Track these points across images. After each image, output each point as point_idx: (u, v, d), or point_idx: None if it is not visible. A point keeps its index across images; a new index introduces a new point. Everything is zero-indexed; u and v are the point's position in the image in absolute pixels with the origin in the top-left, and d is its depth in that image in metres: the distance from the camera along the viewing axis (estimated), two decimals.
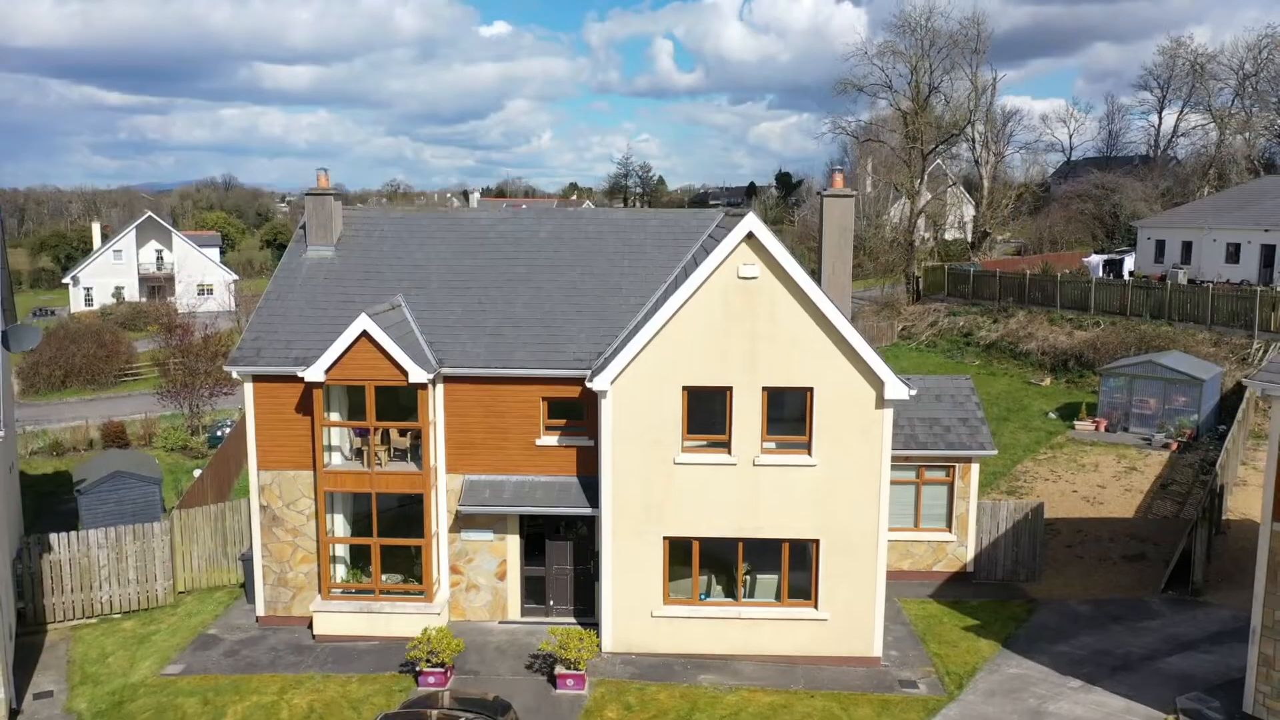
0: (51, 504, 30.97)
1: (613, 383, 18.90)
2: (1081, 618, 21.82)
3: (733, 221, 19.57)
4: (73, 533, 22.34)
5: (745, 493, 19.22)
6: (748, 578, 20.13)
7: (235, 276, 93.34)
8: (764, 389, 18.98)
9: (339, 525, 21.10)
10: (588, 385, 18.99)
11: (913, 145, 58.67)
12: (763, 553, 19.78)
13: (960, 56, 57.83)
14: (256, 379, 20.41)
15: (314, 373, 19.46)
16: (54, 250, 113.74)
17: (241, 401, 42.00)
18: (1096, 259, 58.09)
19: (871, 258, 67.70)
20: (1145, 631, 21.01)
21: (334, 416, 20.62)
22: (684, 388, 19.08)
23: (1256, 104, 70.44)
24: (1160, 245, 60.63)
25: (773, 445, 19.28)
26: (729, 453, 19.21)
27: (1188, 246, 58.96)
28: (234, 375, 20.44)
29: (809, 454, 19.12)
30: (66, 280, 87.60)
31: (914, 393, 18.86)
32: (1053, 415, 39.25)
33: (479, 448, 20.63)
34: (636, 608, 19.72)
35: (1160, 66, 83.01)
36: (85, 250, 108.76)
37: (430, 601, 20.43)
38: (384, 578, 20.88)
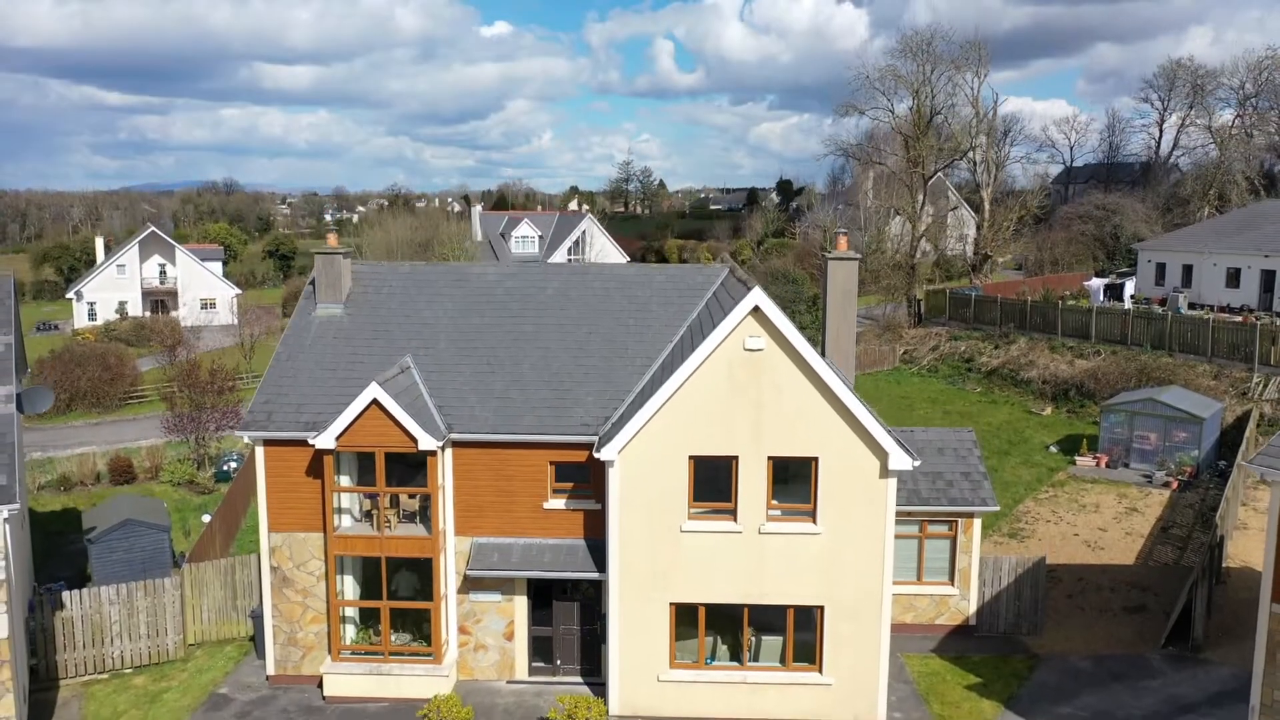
0: (60, 545, 31.21)
1: (620, 452, 19.14)
2: (1083, 675, 22.05)
3: (739, 289, 19.81)
4: (85, 590, 22.59)
5: (751, 560, 19.46)
6: (753, 640, 20.37)
7: (238, 291, 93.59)
8: (769, 458, 19.22)
9: (349, 585, 21.35)
10: (595, 455, 19.22)
11: (914, 169, 58.93)
12: (768, 616, 20.02)
13: (961, 80, 58.06)
14: (267, 443, 20.64)
15: (325, 440, 19.70)
16: (56, 261, 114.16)
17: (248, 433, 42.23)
18: (1098, 282, 58.34)
19: (874, 278, 67.81)
20: (1146, 692, 21.24)
21: (344, 479, 20.86)
22: (690, 457, 19.32)
23: (1257, 124, 70.65)
24: (1161, 268, 60.90)
25: (778, 513, 19.52)
26: (735, 520, 19.45)
27: (1188, 270, 59.23)
28: (245, 440, 20.65)
29: (814, 522, 19.36)
30: (70, 295, 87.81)
31: (918, 463, 19.07)
32: (1054, 449, 39.50)
33: (487, 510, 20.87)
34: (643, 671, 19.96)
35: (1160, 78, 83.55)
36: (88, 262, 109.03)
37: (439, 664, 20.66)
38: (394, 637, 21.12)
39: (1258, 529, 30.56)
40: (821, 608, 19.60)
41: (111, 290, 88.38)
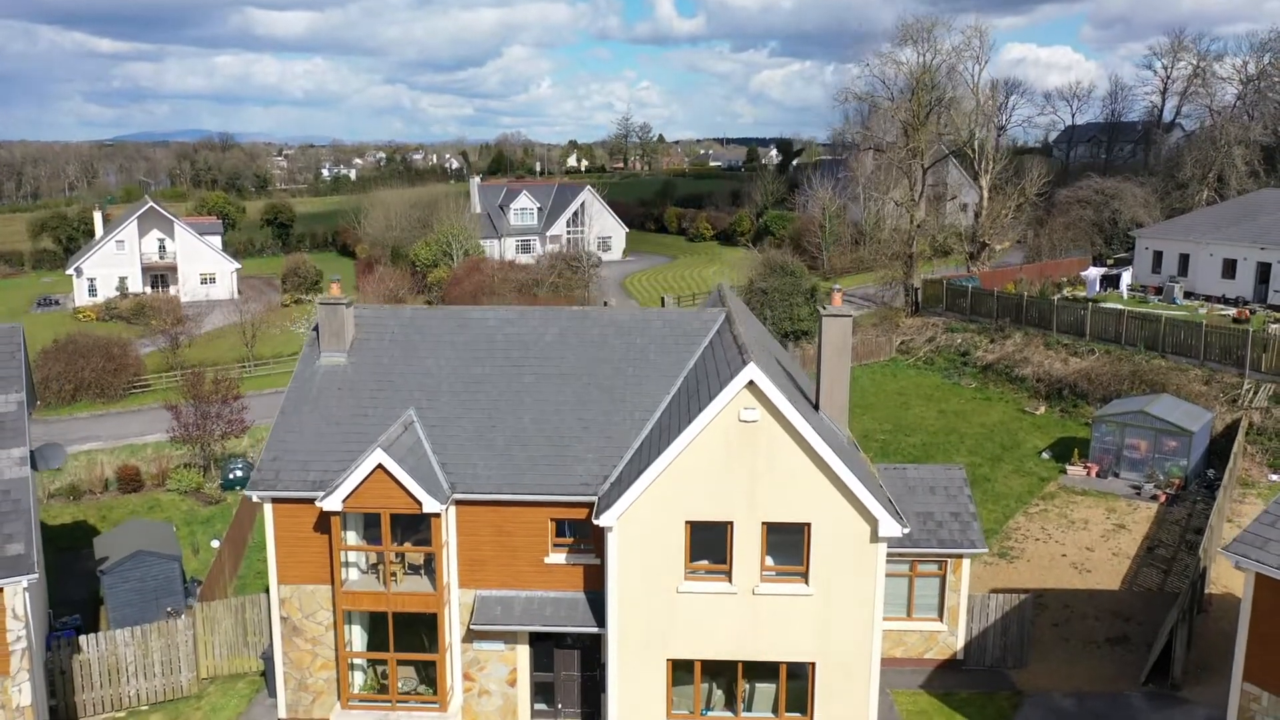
0: (72, 565, 31.89)
1: (619, 518, 19.73)
2: (1065, 716, 22.88)
3: (736, 358, 20.22)
4: (99, 634, 23.32)
5: (745, 619, 20.16)
6: (747, 688, 21.15)
7: (237, 265, 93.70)
8: (763, 523, 19.82)
9: (356, 634, 22.07)
10: (595, 522, 19.82)
11: (912, 159, 58.91)
12: (762, 669, 20.77)
13: (962, 70, 57.78)
14: (275, 500, 21.22)
15: (332, 502, 20.28)
16: (55, 231, 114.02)
17: (254, 439, 42.73)
18: (1094, 272, 58.60)
19: (871, 256, 68.03)
20: None
21: (350, 534, 21.48)
22: (687, 521, 19.92)
23: (1259, 107, 70.33)
24: (1158, 256, 61.09)
25: (772, 574, 20.16)
26: (730, 582, 20.11)
27: (1185, 259, 59.45)
28: (254, 499, 21.25)
29: (806, 583, 20.02)
30: (70, 271, 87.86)
31: (907, 530, 19.67)
32: (1046, 455, 40.15)
33: (490, 564, 21.53)
34: None
35: (1164, 48, 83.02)
36: (86, 231, 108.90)
37: (444, 710, 21.46)
38: (400, 683, 21.90)
39: None
40: (813, 664, 20.33)
41: (111, 266, 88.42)
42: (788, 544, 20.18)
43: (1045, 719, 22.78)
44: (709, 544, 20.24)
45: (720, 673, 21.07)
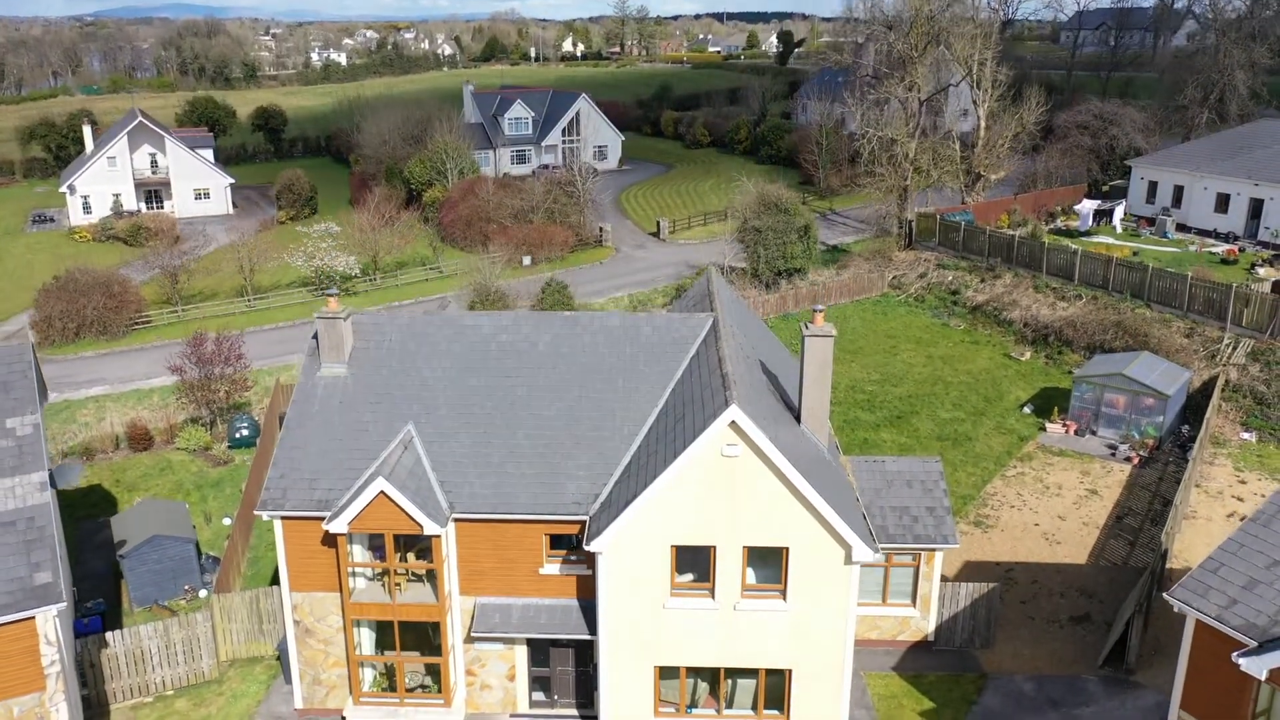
0: (92, 533, 33.34)
1: (608, 545, 21.00)
2: (1024, 700, 24.67)
3: (720, 393, 21.10)
4: (125, 630, 24.89)
5: (726, 631, 21.66)
6: (730, 684, 22.84)
7: (231, 180, 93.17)
8: (744, 547, 21.11)
9: (365, 636, 23.64)
10: (586, 548, 21.11)
11: (909, 93, 58.26)
12: (743, 670, 22.41)
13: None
14: (285, 517, 22.46)
15: (338, 525, 21.52)
16: (44, 140, 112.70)
17: (260, 395, 43.77)
18: (1088, 205, 58.69)
19: (867, 171, 66.97)
20: None
21: (357, 548, 22.81)
22: (672, 546, 21.21)
23: (1270, 19, 68.80)
24: (1153, 187, 61.12)
25: (752, 590, 21.55)
26: (712, 598, 21.53)
27: (1180, 191, 59.53)
28: (263, 517, 22.48)
29: (784, 599, 21.44)
30: (63, 189, 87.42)
31: (878, 554, 20.97)
32: (1027, 410, 41.37)
33: (488, 574, 22.93)
34: (630, 718, 22.52)
35: None
36: (75, 139, 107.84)
37: (449, 706, 23.21)
38: (407, 677, 23.61)
39: (1205, 518, 32.83)
40: (790, 670, 21.94)
41: (104, 183, 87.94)
42: (768, 561, 21.52)
43: (1005, 704, 24.58)
44: (694, 562, 21.59)
45: (705, 674, 22.71)
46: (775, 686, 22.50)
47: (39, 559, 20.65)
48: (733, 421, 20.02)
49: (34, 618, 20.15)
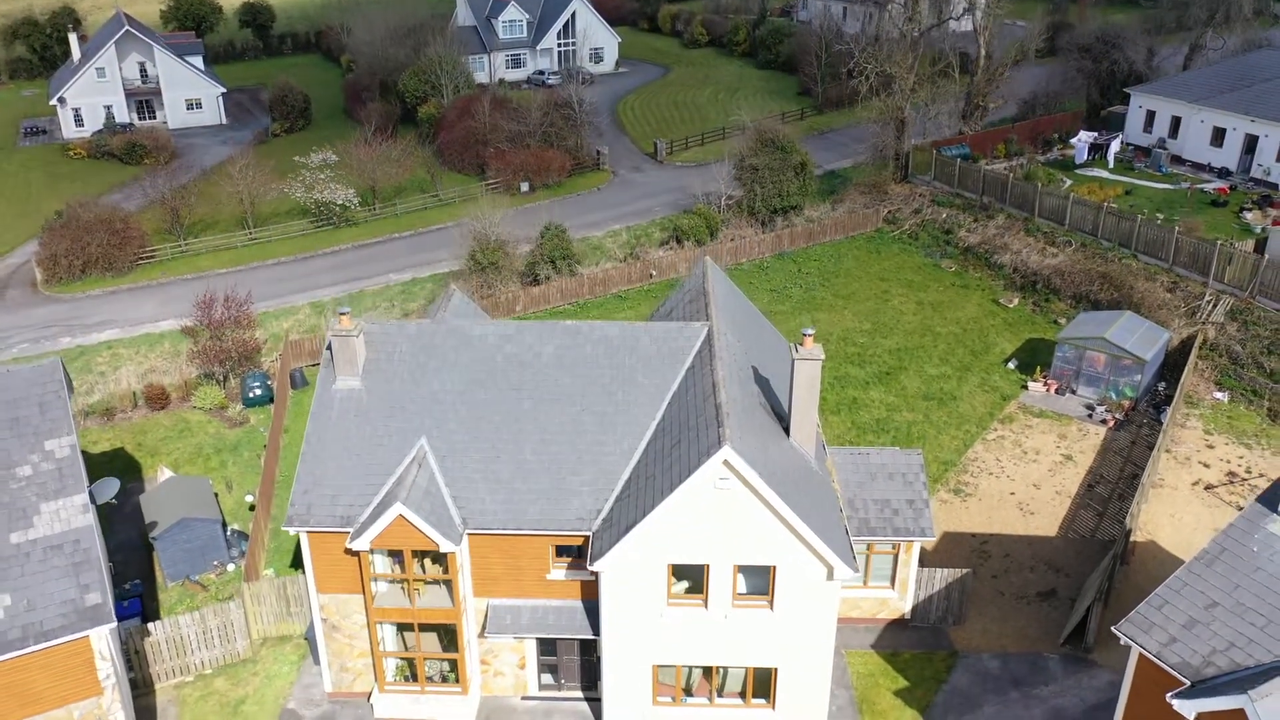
0: (121, 503, 35.17)
1: (610, 566, 22.88)
2: (989, 679, 27.05)
3: (713, 427, 22.56)
4: (164, 620, 27.04)
5: (718, 635, 23.77)
6: (722, 673, 25.13)
7: (223, 89, 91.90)
8: (735, 565, 23.00)
9: (388, 632, 25.77)
10: (589, 568, 22.98)
11: (909, 21, 57.54)
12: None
13: None
14: (310, 531, 24.27)
15: (360, 543, 23.35)
16: (28, 40, 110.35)
17: (270, 346, 45.06)
18: (1084, 138, 58.78)
19: (864, 82, 66.11)
20: (1036, 701, 26.30)
21: (378, 558, 24.69)
22: (669, 564, 23.09)
23: None
24: (1150, 116, 61.00)
25: (742, 600, 23.55)
26: (706, 608, 23.55)
27: (1177, 121, 59.51)
28: (290, 532, 24.27)
29: (771, 609, 23.46)
30: (53, 102, 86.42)
31: (856, 572, 22.86)
32: (1012, 365, 42.89)
33: (500, 579, 24.90)
34: (631, 707, 24.90)
35: None
36: (60, 39, 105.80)
37: (466, 694, 25.56)
38: (426, 665, 25.90)
39: (1171, 486, 34.77)
40: (776, 669, 24.16)
41: (94, 95, 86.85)
42: (757, 574, 23.44)
43: (973, 683, 26.99)
44: (688, 576, 23.53)
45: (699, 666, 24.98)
46: (763, 680, 24.77)
47: (87, 580, 22.50)
48: (725, 460, 21.59)
49: (88, 636, 22.15)
